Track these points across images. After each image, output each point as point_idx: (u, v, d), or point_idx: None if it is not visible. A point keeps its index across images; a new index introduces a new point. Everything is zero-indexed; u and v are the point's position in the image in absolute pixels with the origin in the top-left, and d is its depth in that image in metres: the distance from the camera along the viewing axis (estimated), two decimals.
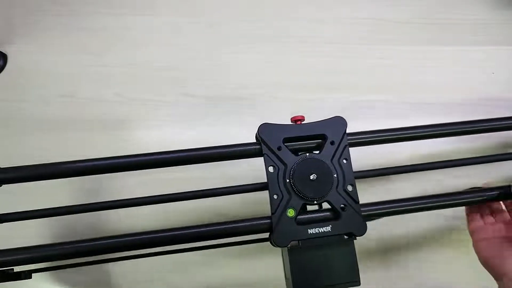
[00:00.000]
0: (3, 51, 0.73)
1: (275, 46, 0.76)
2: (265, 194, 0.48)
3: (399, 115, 0.72)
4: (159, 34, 0.76)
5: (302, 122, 0.50)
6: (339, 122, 0.50)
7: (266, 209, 0.47)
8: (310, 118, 0.50)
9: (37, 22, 0.76)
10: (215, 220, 0.48)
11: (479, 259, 0.53)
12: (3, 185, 0.47)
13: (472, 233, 0.55)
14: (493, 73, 0.75)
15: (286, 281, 0.47)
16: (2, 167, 0.46)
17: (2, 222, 0.47)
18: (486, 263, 0.51)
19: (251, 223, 0.48)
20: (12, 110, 0.70)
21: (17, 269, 0.47)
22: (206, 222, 0.48)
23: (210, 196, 0.51)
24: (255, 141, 0.51)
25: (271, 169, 0.48)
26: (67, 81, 0.72)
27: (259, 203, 0.58)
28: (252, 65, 0.74)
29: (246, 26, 0.77)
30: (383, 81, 0.74)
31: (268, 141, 0.48)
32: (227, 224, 0.48)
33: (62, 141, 0.68)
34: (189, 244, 0.48)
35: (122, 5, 0.78)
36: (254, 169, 0.63)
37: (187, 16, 0.78)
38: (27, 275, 0.48)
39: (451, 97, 0.74)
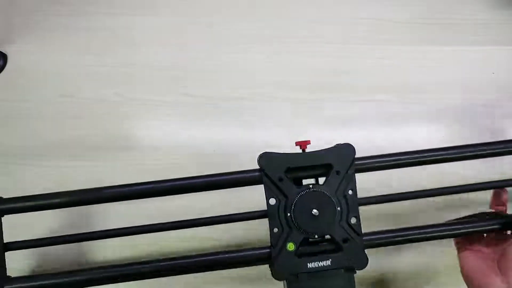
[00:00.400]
0: (3, 51, 0.73)
1: (275, 46, 0.76)
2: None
3: (399, 115, 0.72)
4: (159, 34, 0.76)
5: (307, 147, 0.48)
6: (346, 150, 0.48)
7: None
8: (310, 118, 0.49)
9: (37, 22, 0.76)
10: (217, 246, 0.49)
11: (461, 273, 0.51)
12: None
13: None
14: (493, 73, 0.75)
15: None
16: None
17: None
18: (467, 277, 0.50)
19: (251, 252, 0.47)
20: (12, 110, 0.70)
21: None
22: (206, 251, 0.48)
23: (210, 224, 0.50)
24: (256, 163, 0.49)
25: (272, 201, 0.46)
26: (67, 81, 0.72)
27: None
28: (252, 65, 0.74)
29: (246, 26, 0.77)
30: (383, 81, 0.74)
31: (269, 172, 0.46)
32: (226, 254, 0.47)
33: (63, 141, 0.68)
34: None
35: (122, 5, 0.78)
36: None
37: (187, 16, 0.78)
38: None
39: (451, 97, 0.74)
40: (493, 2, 0.81)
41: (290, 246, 0.45)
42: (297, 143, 0.48)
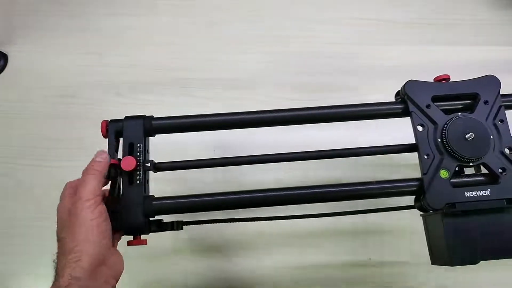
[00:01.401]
0: (4, 51, 0.73)
1: (275, 46, 0.76)
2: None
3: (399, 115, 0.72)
4: (159, 34, 0.76)
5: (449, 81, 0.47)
6: (491, 81, 0.46)
7: None
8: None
9: (38, 22, 0.76)
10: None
11: None
12: None
13: None
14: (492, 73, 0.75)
15: (433, 250, 0.45)
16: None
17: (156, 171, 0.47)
18: None
19: (399, 184, 0.44)
20: (12, 110, 0.70)
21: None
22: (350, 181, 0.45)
23: (352, 156, 0.47)
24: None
25: (420, 128, 0.45)
26: (68, 81, 0.72)
27: None
28: (252, 65, 0.74)
29: (246, 26, 0.77)
30: (383, 81, 0.74)
31: (416, 99, 0.46)
32: (373, 185, 0.45)
33: (63, 141, 0.68)
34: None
35: (122, 5, 0.78)
36: None
37: (187, 16, 0.78)
38: (179, 226, 0.47)
39: None
40: (493, 2, 0.81)
41: (444, 173, 0.43)
42: (436, 79, 0.47)
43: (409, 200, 0.46)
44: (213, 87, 0.72)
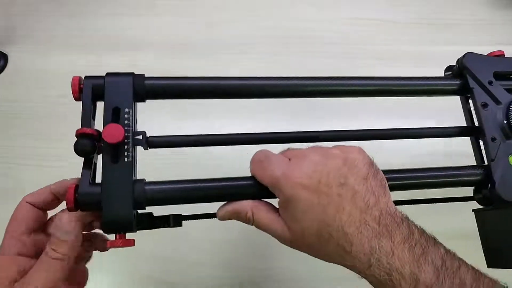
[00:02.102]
0: (4, 51, 0.73)
1: (275, 46, 0.76)
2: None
3: (399, 115, 0.72)
4: (159, 34, 0.76)
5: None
6: None
7: None
8: (309, 117, 0.48)
9: (38, 22, 0.76)
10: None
11: None
12: None
13: None
14: None
15: (494, 251, 0.40)
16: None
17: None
18: None
19: (460, 172, 0.38)
20: (12, 110, 0.70)
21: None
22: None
23: (402, 138, 0.42)
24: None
25: (482, 107, 0.39)
26: (68, 81, 0.71)
27: None
28: (252, 65, 0.74)
29: (246, 26, 0.77)
30: None
31: (478, 74, 0.40)
32: (428, 172, 0.38)
33: (63, 141, 0.68)
34: None
35: (122, 5, 0.78)
36: None
37: (187, 16, 0.78)
38: (176, 221, 0.36)
39: (451, 97, 0.74)
40: (494, 2, 0.81)
41: None
42: (490, 55, 0.42)
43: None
44: None
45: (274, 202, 0.35)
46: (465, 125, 0.43)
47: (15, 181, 0.64)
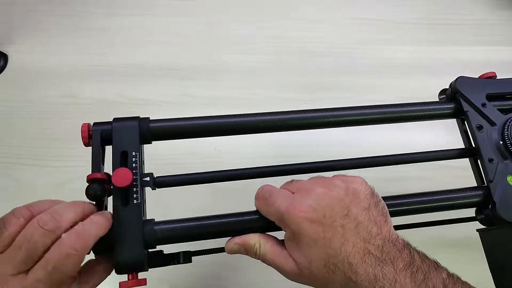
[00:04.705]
0: (4, 51, 0.73)
1: (275, 46, 0.76)
2: None
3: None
4: (159, 34, 0.76)
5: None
6: None
7: None
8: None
9: (38, 22, 0.76)
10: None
11: None
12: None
13: None
14: None
15: (500, 271, 0.39)
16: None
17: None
18: None
19: (461, 194, 0.39)
20: (12, 110, 0.70)
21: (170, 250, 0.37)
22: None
23: (401, 163, 0.42)
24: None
25: (476, 130, 0.40)
26: (68, 81, 0.72)
27: None
28: (252, 65, 0.74)
29: (246, 26, 0.77)
30: (383, 81, 0.74)
31: (470, 97, 0.41)
32: (430, 196, 0.39)
33: (63, 141, 0.68)
34: None
35: (122, 5, 0.78)
36: None
37: (187, 16, 0.78)
38: (186, 257, 0.37)
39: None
40: (493, 3, 0.81)
41: (511, 180, 0.38)
42: (482, 77, 0.43)
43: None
44: (213, 87, 0.72)
45: (281, 234, 0.35)
46: (463, 146, 0.43)
47: (15, 181, 0.64)
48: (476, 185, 0.42)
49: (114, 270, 0.34)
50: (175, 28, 0.77)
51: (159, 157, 0.50)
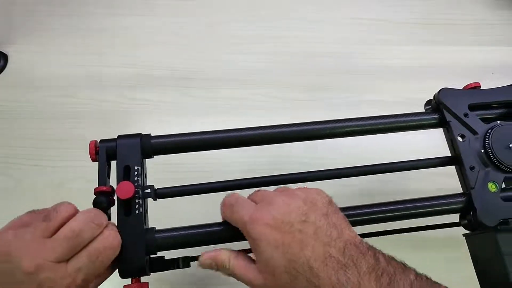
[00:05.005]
0: (4, 51, 0.73)
1: (275, 46, 0.76)
2: None
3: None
4: (159, 34, 0.76)
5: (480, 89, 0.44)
6: None
7: None
8: (309, 118, 0.48)
9: (38, 22, 0.76)
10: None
11: None
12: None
13: None
14: (492, 73, 0.75)
15: (484, 274, 0.41)
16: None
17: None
18: None
19: (444, 201, 0.41)
20: (13, 110, 0.70)
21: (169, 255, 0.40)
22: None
23: (386, 172, 0.44)
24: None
25: (460, 139, 0.42)
26: (68, 81, 0.72)
27: None
28: (252, 65, 0.74)
29: (246, 26, 0.77)
30: (383, 81, 0.74)
31: (453, 107, 0.43)
32: (415, 203, 0.40)
33: (63, 141, 0.68)
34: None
35: (122, 5, 0.78)
36: None
37: (187, 16, 0.78)
38: (185, 262, 0.39)
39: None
40: (493, 3, 0.81)
41: (492, 187, 0.40)
42: (466, 88, 0.45)
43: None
44: (213, 87, 0.72)
45: None
46: (449, 154, 0.45)
47: (15, 181, 0.64)
48: (461, 191, 0.43)
49: (118, 274, 0.36)
50: (175, 28, 0.77)
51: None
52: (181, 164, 0.62)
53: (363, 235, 0.41)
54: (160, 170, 0.49)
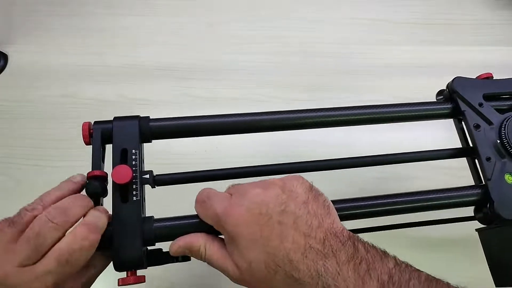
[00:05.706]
0: (4, 51, 0.73)
1: (275, 46, 0.76)
2: None
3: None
4: (159, 34, 0.76)
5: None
6: None
7: None
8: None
9: (38, 22, 0.76)
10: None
11: None
12: None
13: None
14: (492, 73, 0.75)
15: (499, 269, 0.39)
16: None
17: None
18: None
19: (458, 193, 0.39)
20: (13, 110, 0.70)
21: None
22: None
23: (394, 163, 0.42)
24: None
25: (475, 129, 0.41)
26: (68, 81, 0.72)
27: None
28: (252, 65, 0.74)
29: (246, 26, 0.77)
30: (382, 81, 0.74)
31: (467, 97, 0.42)
32: (428, 194, 0.39)
33: (63, 141, 0.68)
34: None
35: (122, 5, 0.78)
36: None
37: (187, 16, 0.78)
38: (185, 255, 0.36)
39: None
40: (493, 3, 0.81)
41: (509, 179, 0.38)
42: (479, 78, 0.44)
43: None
44: (213, 87, 0.72)
45: None
46: (460, 146, 0.44)
47: (15, 181, 0.64)
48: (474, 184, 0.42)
49: (113, 267, 0.34)
50: (175, 28, 0.77)
51: (159, 155, 0.50)
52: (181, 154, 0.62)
53: (373, 229, 0.41)
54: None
